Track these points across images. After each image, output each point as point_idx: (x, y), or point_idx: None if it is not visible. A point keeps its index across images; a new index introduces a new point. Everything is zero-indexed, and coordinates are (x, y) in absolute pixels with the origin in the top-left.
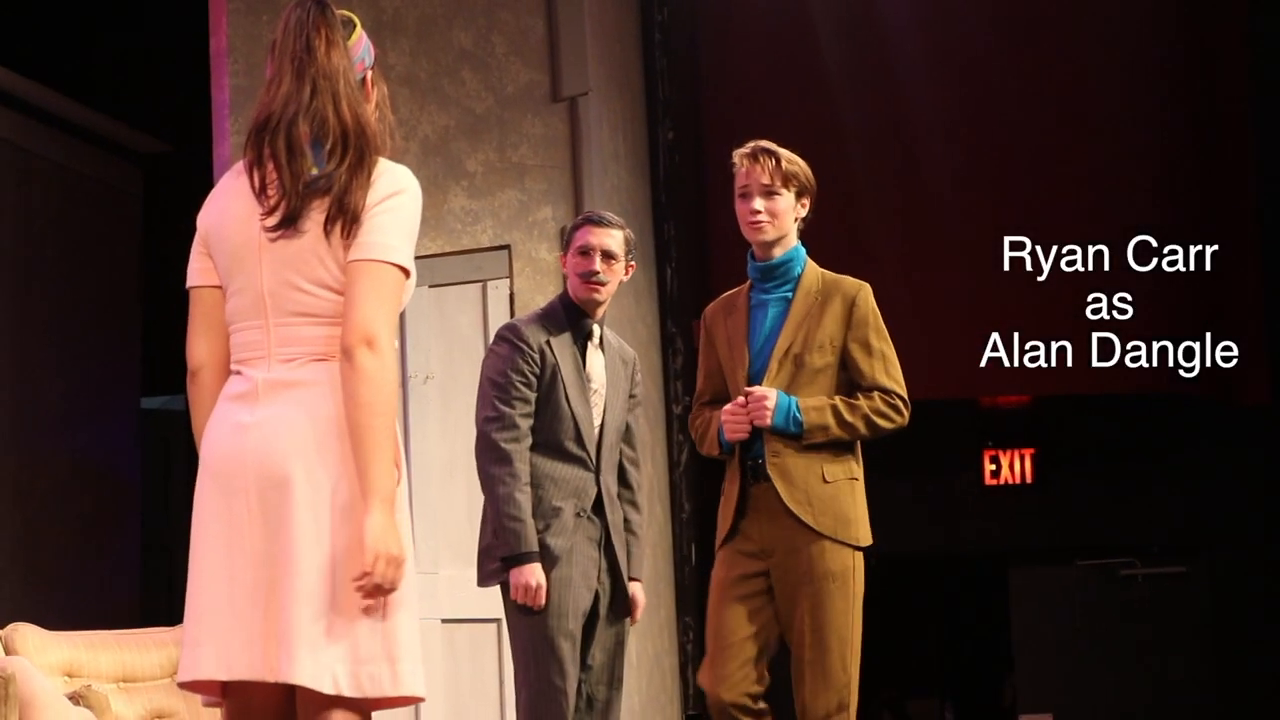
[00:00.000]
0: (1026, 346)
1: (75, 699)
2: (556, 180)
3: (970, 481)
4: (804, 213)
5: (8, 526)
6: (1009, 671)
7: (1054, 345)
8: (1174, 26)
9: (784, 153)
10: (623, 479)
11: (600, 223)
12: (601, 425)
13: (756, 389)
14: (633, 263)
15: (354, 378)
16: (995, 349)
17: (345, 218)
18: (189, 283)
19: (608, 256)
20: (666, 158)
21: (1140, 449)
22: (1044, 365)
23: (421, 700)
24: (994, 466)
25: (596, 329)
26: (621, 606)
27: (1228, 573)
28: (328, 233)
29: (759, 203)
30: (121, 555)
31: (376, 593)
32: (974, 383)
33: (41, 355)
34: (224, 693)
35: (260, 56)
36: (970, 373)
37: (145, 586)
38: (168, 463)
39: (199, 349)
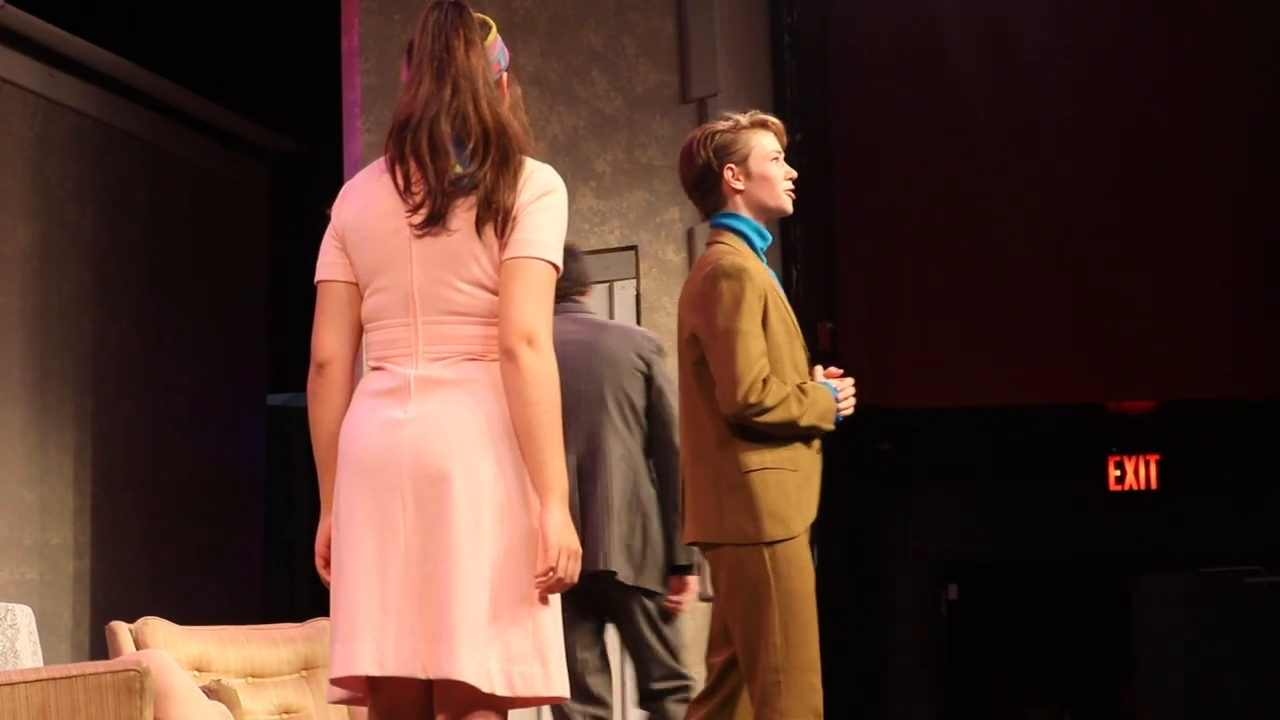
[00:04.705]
0: (1154, 351)
1: (207, 693)
2: None
3: (1094, 487)
4: None
5: (135, 522)
6: (1131, 679)
7: (1181, 350)
8: None
9: None
10: None
11: None
12: None
13: (835, 369)
14: None
15: (519, 377)
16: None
17: (497, 217)
18: (319, 276)
19: None
20: (794, 160)
21: (1267, 455)
22: (1170, 370)
23: (566, 700)
24: (1119, 472)
25: None
26: None
27: None
28: (480, 232)
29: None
30: (247, 551)
31: (558, 587)
32: (1100, 388)
33: (169, 352)
34: (370, 689)
35: (392, 56)
36: (1096, 378)
37: (270, 582)
38: (290, 459)
39: (328, 343)
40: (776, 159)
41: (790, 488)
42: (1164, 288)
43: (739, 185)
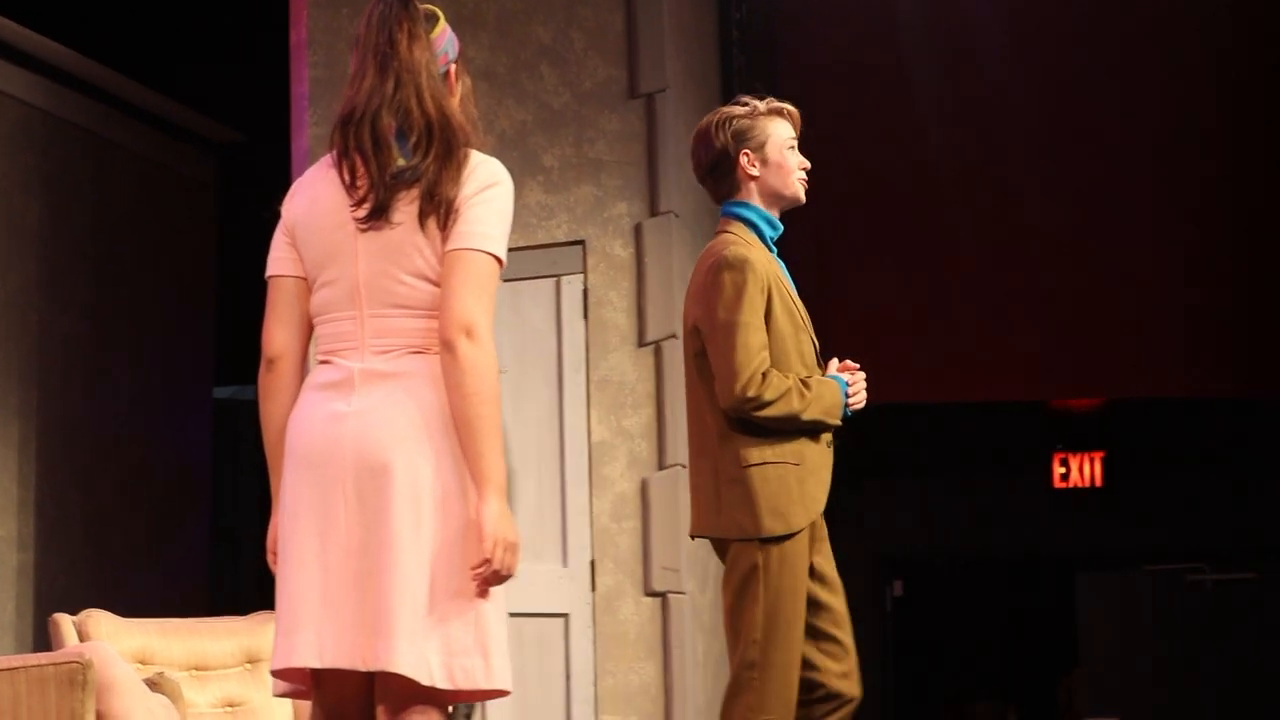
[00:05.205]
0: (1099, 348)
1: (150, 685)
2: (632, 176)
3: (1039, 484)
4: None
5: (79, 515)
6: (1075, 675)
7: (1127, 347)
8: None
9: None
10: None
11: None
12: None
13: (850, 362)
14: None
15: (456, 369)
16: (1067, 350)
17: (439, 209)
18: (270, 272)
19: None
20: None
21: (1211, 453)
22: (1116, 368)
23: (508, 694)
24: (1063, 469)
25: None
26: None
27: None
28: (423, 224)
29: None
30: (191, 544)
31: (494, 580)
32: (1044, 385)
33: (115, 344)
34: (315, 682)
35: (340, 49)
36: (1040, 375)
37: (214, 575)
38: (236, 452)
39: (278, 338)
40: (792, 147)
41: (792, 482)
42: (1109, 286)
43: (754, 171)
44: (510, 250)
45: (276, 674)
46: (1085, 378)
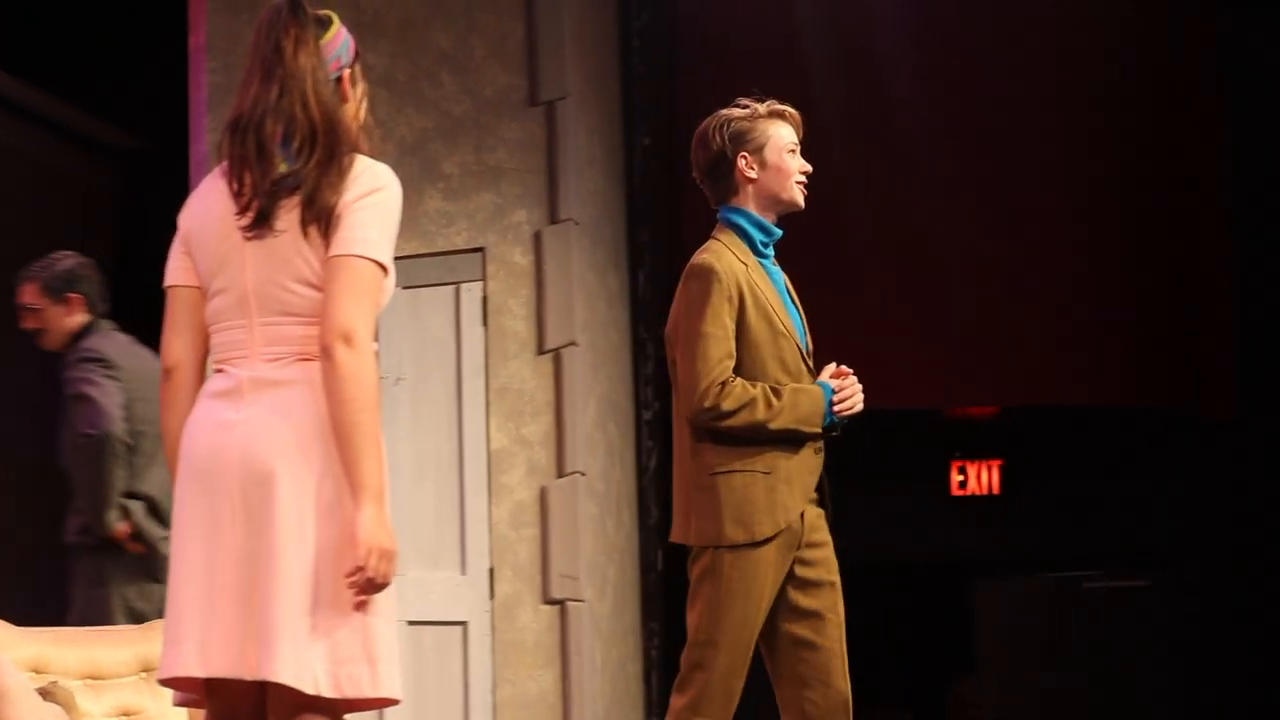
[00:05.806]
0: (997, 356)
1: (43, 695)
2: (532, 184)
3: (937, 492)
4: None
5: None
6: (972, 681)
7: (1025, 356)
8: (1157, 35)
9: None
10: None
11: None
12: None
13: (845, 368)
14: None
15: (333, 375)
16: (965, 358)
17: (320, 216)
18: (167, 281)
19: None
20: (641, 163)
21: (1108, 462)
22: (1013, 376)
23: (398, 702)
24: (961, 477)
25: None
26: None
27: (1192, 587)
28: (305, 231)
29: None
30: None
31: (369, 588)
32: (942, 393)
33: (11, 349)
34: (207, 691)
35: (239, 54)
36: (938, 382)
37: None
38: None
39: (175, 348)
40: (793, 151)
41: (759, 491)
42: (1007, 295)
43: (752, 174)
44: (409, 257)
45: (164, 683)
46: (983, 386)
